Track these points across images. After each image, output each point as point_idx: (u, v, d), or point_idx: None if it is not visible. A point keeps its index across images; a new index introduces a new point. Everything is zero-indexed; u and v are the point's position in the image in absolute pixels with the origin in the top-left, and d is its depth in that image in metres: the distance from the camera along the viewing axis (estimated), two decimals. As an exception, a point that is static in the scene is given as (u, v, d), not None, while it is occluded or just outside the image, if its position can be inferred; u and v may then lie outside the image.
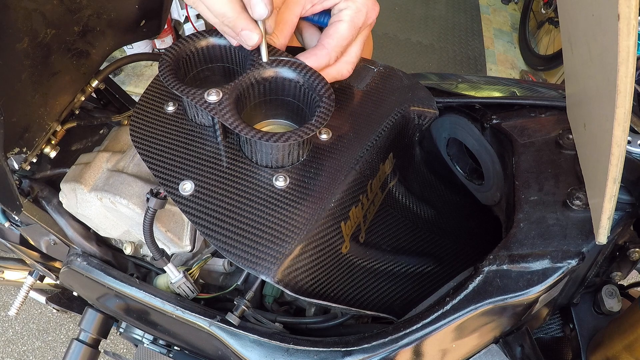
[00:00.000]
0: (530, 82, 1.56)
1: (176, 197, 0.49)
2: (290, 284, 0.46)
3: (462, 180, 0.73)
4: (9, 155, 0.58)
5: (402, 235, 0.65)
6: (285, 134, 0.45)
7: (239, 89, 0.48)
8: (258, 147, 0.48)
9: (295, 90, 0.51)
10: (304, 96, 0.51)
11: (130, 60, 0.76)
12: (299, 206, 0.49)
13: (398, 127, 0.60)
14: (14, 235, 0.86)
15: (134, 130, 0.55)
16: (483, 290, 0.47)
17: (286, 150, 0.48)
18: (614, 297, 0.62)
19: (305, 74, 0.49)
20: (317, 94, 0.48)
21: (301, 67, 0.50)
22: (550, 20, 2.94)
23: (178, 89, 0.48)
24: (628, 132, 0.37)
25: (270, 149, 0.48)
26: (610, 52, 0.35)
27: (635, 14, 0.32)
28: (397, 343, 0.47)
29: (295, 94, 0.52)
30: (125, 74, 2.67)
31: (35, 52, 0.57)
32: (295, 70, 0.50)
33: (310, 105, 0.51)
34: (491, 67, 3.07)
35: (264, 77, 0.50)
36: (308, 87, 0.49)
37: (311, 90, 0.49)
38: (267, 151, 0.48)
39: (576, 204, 0.49)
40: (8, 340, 1.79)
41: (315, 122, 0.46)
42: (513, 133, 0.58)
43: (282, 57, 0.50)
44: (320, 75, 0.49)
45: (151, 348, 0.75)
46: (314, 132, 0.45)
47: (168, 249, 0.64)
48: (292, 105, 0.53)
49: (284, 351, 0.51)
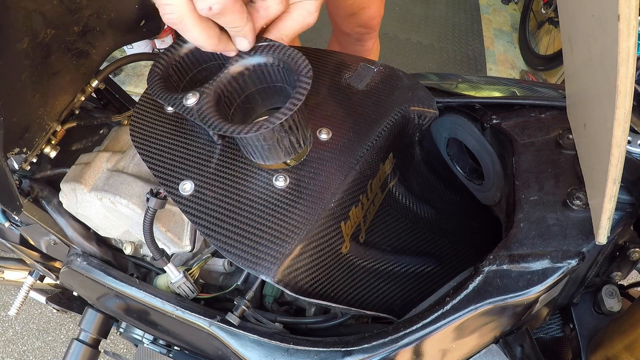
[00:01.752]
0: (530, 82, 1.56)
1: (176, 197, 0.49)
2: (290, 284, 0.46)
3: (462, 180, 0.73)
4: (9, 155, 0.58)
5: (402, 235, 0.65)
6: (258, 121, 0.43)
7: (219, 87, 0.47)
8: (243, 142, 0.46)
9: (279, 74, 0.48)
10: (289, 78, 0.48)
11: (130, 60, 0.76)
12: (299, 206, 0.49)
13: (398, 127, 0.60)
14: (14, 235, 0.86)
15: (134, 130, 0.55)
16: (483, 290, 0.47)
17: (269, 140, 0.45)
18: (614, 297, 0.62)
19: (279, 53, 0.46)
20: (295, 74, 0.45)
21: (274, 48, 0.47)
22: (550, 20, 2.94)
23: (160, 96, 0.47)
24: (628, 132, 0.37)
25: (253, 141, 0.45)
26: (611, 53, 0.35)
27: (636, 14, 0.32)
28: (397, 343, 0.47)
29: (282, 77, 0.49)
30: (125, 74, 2.66)
31: (35, 52, 0.57)
32: (269, 54, 0.47)
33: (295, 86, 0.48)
34: (491, 67, 3.06)
35: (240, 70, 0.48)
36: (286, 68, 0.47)
37: (290, 71, 0.46)
38: (254, 144, 0.46)
39: (576, 204, 0.49)
40: (8, 340, 1.79)
41: (289, 104, 0.43)
42: (513, 133, 0.58)
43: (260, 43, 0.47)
44: (294, 51, 0.46)
45: (151, 348, 0.75)
46: (288, 115, 0.42)
47: (168, 249, 0.64)
48: (285, 90, 0.51)
49: (284, 351, 0.51)
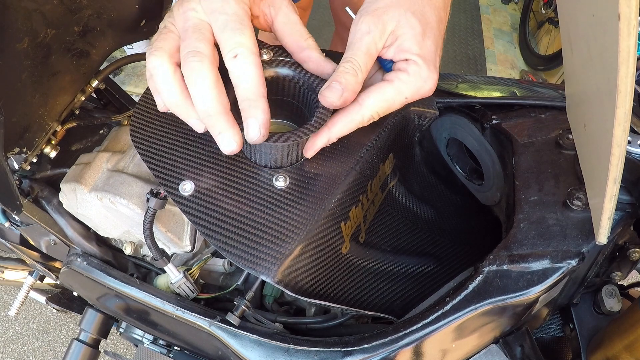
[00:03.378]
0: (530, 82, 1.56)
1: (176, 197, 0.49)
2: (290, 284, 0.46)
3: (462, 180, 0.72)
4: (9, 155, 0.58)
5: (402, 235, 0.65)
6: (284, 134, 0.45)
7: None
8: (257, 147, 0.48)
9: (295, 91, 0.51)
10: (303, 96, 0.51)
11: (130, 60, 0.76)
12: (299, 206, 0.49)
13: (398, 127, 0.60)
14: (14, 235, 0.86)
15: (134, 130, 0.55)
16: (483, 290, 0.47)
17: (285, 150, 0.48)
18: (614, 297, 0.62)
19: (305, 73, 0.49)
20: (315, 94, 0.48)
21: (300, 67, 0.49)
22: (550, 20, 2.94)
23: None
24: (628, 132, 0.37)
25: (269, 149, 0.48)
26: (611, 52, 0.35)
27: (636, 14, 0.32)
28: (397, 343, 0.47)
29: (295, 94, 0.51)
30: (125, 74, 2.67)
31: (35, 52, 0.57)
32: (295, 70, 0.49)
33: (309, 106, 0.51)
34: (491, 67, 3.06)
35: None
36: (307, 87, 0.49)
37: (310, 90, 0.49)
38: (267, 151, 0.48)
39: (576, 204, 0.49)
40: (8, 340, 1.79)
41: (315, 122, 0.46)
42: (513, 133, 0.58)
43: (282, 58, 0.50)
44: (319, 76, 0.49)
45: (151, 348, 0.75)
46: (313, 132, 0.45)
47: (168, 249, 0.64)
48: (291, 105, 0.53)
49: (284, 351, 0.51)
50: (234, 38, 0.42)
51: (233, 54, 0.41)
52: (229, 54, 0.41)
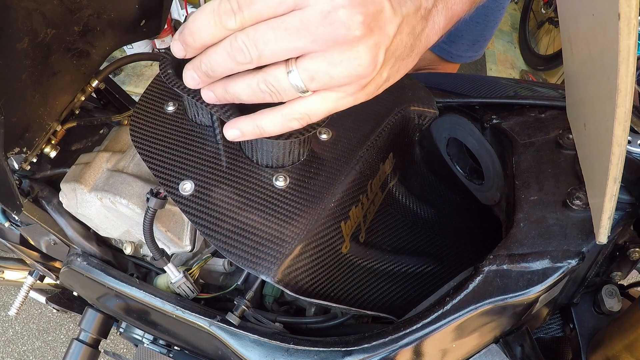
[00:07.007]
0: (530, 82, 1.56)
1: (176, 197, 0.49)
2: (290, 284, 0.46)
3: (462, 180, 0.72)
4: (9, 155, 0.58)
5: (402, 235, 0.65)
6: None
7: None
8: (259, 145, 0.48)
9: None
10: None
11: (130, 60, 0.76)
12: (299, 206, 0.49)
13: (398, 127, 0.60)
14: (14, 235, 0.86)
15: (134, 130, 0.55)
16: (483, 290, 0.47)
17: (287, 148, 0.48)
18: (614, 297, 0.62)
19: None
20: None
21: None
22: (550, 20, 2.94)
23: (179, 86, 0.48)
24: (628, 131, 0.37)
25: (271, 147, 0.47)
26: (611, 52, 0.35)
27: (636, 13, 0.32)
28: (397, 343, 0.47)
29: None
30: (125, 74, 2.66)
31: (35, 52, 0.57)
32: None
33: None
34: (491, 67, 3.06)
35: None
36: None
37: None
38: (268, 149, 0.48)
39: (576, 204, 0.49)
40: (8, 340, 1.79)
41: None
42: (513, 133, 0.58)
43: None
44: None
45: (151, 348, 0.75)
46: (316, 129, 0.45)
47: (168, 249, 0.64)
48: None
49: (284, 351, 0.51)
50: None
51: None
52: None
